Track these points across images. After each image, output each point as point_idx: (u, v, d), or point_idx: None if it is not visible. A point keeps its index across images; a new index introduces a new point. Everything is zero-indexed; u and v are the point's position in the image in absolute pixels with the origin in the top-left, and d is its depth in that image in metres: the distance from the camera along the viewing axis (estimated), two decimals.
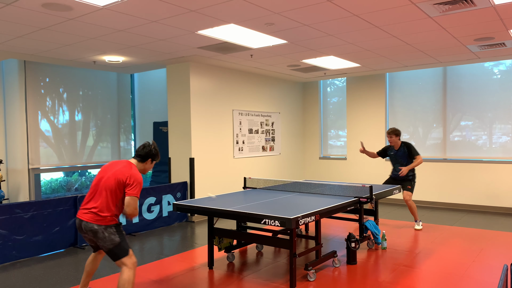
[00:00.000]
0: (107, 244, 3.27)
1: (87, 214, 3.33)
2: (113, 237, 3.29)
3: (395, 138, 6.35)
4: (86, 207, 3.36)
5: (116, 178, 3.32)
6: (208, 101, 7.37)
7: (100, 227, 3.27)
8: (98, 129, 8.35)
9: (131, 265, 3.30)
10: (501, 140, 7.71)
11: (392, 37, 5.50)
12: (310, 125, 9.99)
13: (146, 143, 3.57)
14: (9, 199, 7.31)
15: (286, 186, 5.76)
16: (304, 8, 4.25)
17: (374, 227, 5.14)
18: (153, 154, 3.55)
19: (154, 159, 3.58)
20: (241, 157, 8.08)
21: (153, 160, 3.58)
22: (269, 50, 6.18)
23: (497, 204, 7.68)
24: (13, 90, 7.19)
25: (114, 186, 3.31)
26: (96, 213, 3.29)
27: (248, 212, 3.85)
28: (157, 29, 4.95)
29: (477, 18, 4.72)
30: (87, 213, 3.33)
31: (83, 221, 3.33)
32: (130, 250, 3.35)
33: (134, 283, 3.29)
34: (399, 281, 4.10)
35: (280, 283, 4.10)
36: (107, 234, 3.27)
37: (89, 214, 3.32)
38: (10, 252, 4.89)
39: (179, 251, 5.31)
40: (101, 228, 3.27)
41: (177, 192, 6.93)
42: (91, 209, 3.32)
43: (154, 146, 3.57)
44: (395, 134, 6.33)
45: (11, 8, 4.09)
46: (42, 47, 5.80)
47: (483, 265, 4.54)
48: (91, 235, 3.31)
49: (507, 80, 7.59)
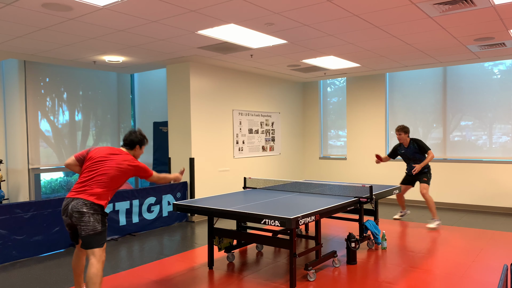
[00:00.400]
0: (88, 229, 3.27)
1: (81, 194, 3.34)
2: (96, 224, 3.30)
3: (404, 135, 6.41)
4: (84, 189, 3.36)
5: (120, 169, 3.44)
6: (208, 101, 7.37)
7: (89, 210, 3.28)
8: (98, 129, 8.35)
9: (99, 258, 3.29)
10: (501, 140, 7.71)
11: (392, 37, 5.50)
12: (310, 125, 9.99)
13: (132, 130, 3.68)
14: (9, 199, 7.31)
15: (286, 186, 5.76)
16: (304, 8, 4.25)
17: (374, 227, 5.14)
18: (140, 140, 3.66)
19: (142, 144, 3.69)
20: (241, 157, 8.08)
21: (141, 145, 3.69)
22: (269, 50, 6.18)
23: (497, 204, 7.68)
24: (13, 90, 7.19)
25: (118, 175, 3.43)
26: (91, 194, 3.32)
27: (248, 212, 3.85)
28: (157, 29, 4.95)
29: (477, 18, 4.72)
30: (81, 193, 3.34)
31: (74, 200, 3.32)
32: (105, 245, 3.38)
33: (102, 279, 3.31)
34: (399, 281, 4.10)
35: (280, 283, 4.10)
36: (92, 219, 3.29)
37: (83, 193, 3.33)
38: (10, 252, 4.89)
39: (179, 251, 5.31)
40: (89, 211, 3.28)
41: (177, 192, 6.93)
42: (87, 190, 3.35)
43: (139, 132, 3.68)
44: (403, 131, 6.40)
45: (11, 8, 4.09)
46: (42, 47, 5.80)
47: (483, 265, 4.53)
48: (76, 217, 3.28)
49: (507, 80, 7.59)
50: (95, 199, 3.33)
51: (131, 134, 3.65)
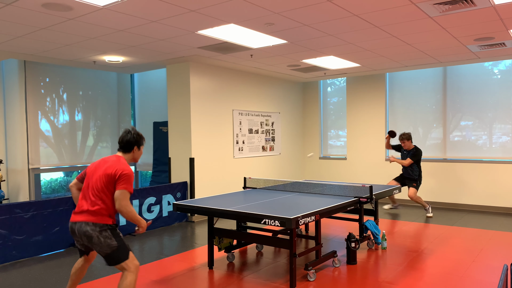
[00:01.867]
0: (104, 249, 3.03)
1: (80, 215, 3.09)
2: (109, 241, 3.04)
3: (407, 143, 7.31)
4: (80, 210, 3.12)
5: (106, 175, 3.10)
6: (208, 101, 7.37)
7: (95, 230, 3.02)
8: (98, 129, 8.35)
9: (133, 269, 3.07)
10: (501, 140, 7.71)
11: (392, 37, 5.50)
12: (310, 125, 9.99)
13: (126, 129, 3.33)
14: (9, 199, 7.31)
15: (286, 186, 5.76)
16: (304, 8, 4.25)
17: (374, 227, 5.14)
18: (136, 140, 3.31)
19: (140, 144, 3.35)
20: (241, 157, 8.08)
21: (139, 146, 3.34)
22: (269, 50, 6.18)
23: (497, 204, 7.68)
24: (13, 90, 7.19)
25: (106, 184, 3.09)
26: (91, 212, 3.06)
27: (248, 212, 3.85)
28: (157, 29, 4.95)
29: (477, 18, 4.72)
30: (81, 214, 3.10)
31: (77, 223, 3.08)
32: (131, 253, 3.12)
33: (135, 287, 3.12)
34: (399, 281, 4.10)
35: (280, 283, 4.10)
36: (103, 239, 3.02)
37: (83, 214, 3.08)
38: (10, 252, 4.89)
39: (179, 251, 5.31)
40: (95, 232, 3.02)
41: (177, 192, 6.93)
42: (85, 210, 3.08)
43: (133, 132, 3.31)
44: (406, 139, 7.29)
45: (11, 8, 4.09)
46: (42, 47, 5.80)
47: (483, 265, 4.54)
48: (86, 240, 3.06)
49: (507, 80, 7.58)
50: (95, 219, 3.05)
51: (126, 135, 3.29)
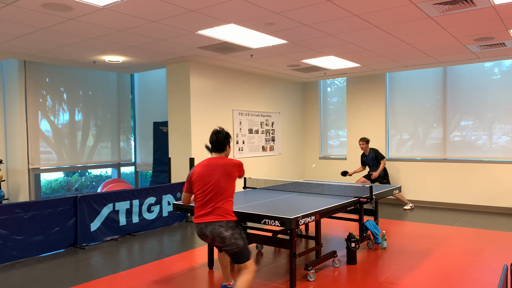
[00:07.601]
0: (232, 247, 3.32)
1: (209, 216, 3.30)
2: (238, 242, 3.33)
3: (365, 145, 7.91)
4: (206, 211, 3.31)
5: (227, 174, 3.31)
6: (208, 101, 7.37)
7: (227, 231, 3.27)
8: (98, 129, 8.35)
9: (249, 270, 3.34)
10: (501, 140, 7.71)
11: (392, 37, 5.50)
12: (310, 125, 9.99)
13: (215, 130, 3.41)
14: (9, 199, 7.31)
15: (286, 186, 5.76)
16: (304, 8, 4.25)
17: (374, 227, 5.14)
18: (226, 139, 3.41)
19: (229, 142, 3.47)
20: (241, 157, 8.08)
21: (229, 144, 3.46)
22: (269, 50, 6.18)
23: (497, 204, 7.68)
24: (13, 90, 7.19)
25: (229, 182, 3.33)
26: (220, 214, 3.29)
27: (248, 212, 3.85)
28: (157, 29, 4.95)
29: (477, 18, 4.72)
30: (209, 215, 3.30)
31: (210, 225, 3.28)
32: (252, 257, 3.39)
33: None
34: (399, 281, 4.10)
35: (280, 283, 4.10)
36: (233, 239, 3.30)
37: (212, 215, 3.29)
38: (10, 252, 4.89)
39: (179, 251, 5.31)
40: (228, 232, 3.27)
41: (177, 192, 6.93)
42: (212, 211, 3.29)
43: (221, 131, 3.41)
44: (365, 141, 7.92)
45: (11, 8, 4.09)
46: (42, 47, 5.80)
47: (483, 265, 4.54)
48: (219, 241, 3.30)
49: (507, 80, 7.58)
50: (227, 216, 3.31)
51: (218, 137, 3.38)
